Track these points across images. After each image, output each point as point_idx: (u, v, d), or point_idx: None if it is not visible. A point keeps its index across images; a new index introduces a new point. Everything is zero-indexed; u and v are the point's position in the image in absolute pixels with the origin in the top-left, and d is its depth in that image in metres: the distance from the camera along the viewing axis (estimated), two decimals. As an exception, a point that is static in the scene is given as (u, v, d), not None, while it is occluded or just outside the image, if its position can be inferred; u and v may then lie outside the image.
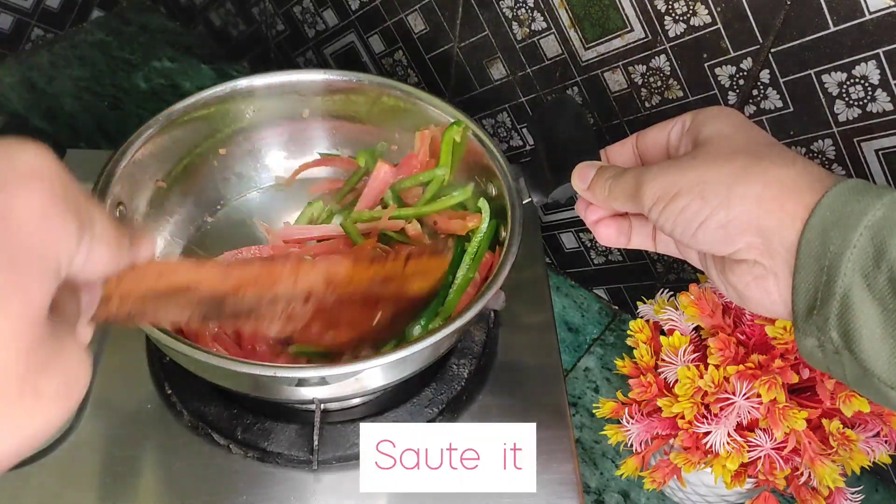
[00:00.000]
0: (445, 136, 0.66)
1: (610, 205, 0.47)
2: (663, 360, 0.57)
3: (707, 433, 0.54)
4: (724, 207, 0.40)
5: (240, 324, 0.39)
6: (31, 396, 0.24)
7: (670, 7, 0.61)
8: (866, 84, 0.55)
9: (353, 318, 0.45)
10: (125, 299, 0.33)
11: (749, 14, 0.57)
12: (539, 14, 0.69)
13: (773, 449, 0.54)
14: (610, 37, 0.66)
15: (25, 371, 0.24)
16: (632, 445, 0.58)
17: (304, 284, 0.40)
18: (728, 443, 0.53)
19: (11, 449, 0.25)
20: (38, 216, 0.25)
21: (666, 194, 0.42)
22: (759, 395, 0.52)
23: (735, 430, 0.54)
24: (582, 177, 0.49)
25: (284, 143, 0.73)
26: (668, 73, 0.64)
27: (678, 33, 0.62)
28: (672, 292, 0.62)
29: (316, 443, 0.57)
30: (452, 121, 0.65)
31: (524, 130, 0.79)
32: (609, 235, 0.49)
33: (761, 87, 0.60)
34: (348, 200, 0.70)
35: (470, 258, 0.62)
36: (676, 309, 0.59)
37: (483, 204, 0.64)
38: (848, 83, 0.55)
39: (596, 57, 0.68)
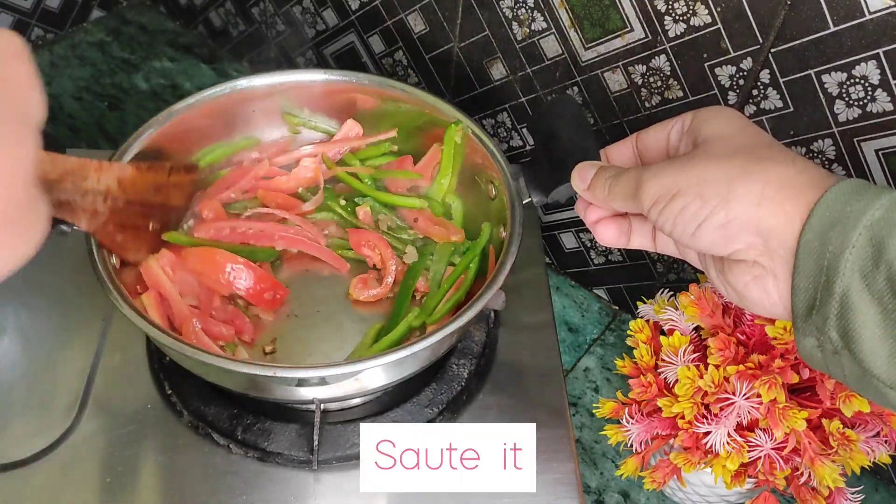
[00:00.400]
0: (446, 139, 0.66)
1: (610, 205, 0.47)
2: (663, 360, 0.57)
3: (707, 433, 0.54)
4: (723, 207, 0.40)
5: (59, 212, 0.48)
6: (23, 225, 0.32)
7: (670, 7, 0.61)
8: (866, 84, 0.55)
9: (137, 223, 0.56)
10: None
11: (749, 14, 0.57)
12: (539, 14, 0.69)
13: (773, 449, 0.53)
14: (610, 37, 0.66)
15: (24, 201, 0.31)
16: (632, 445, 0.58)
17: (104, 181, 0.51)
18: (728, 443, 0.53)
19: (13, 261, 0.32)
20: (29, 86, 0.32)
21: (665, 194, 0.42)
22: (759, 395, 0.52)
23: (735, 430, 0.54)
24: (582, 177, 0.49)
25: (284, 143, 0.73)
26: (668, 73, 0.64)
27: (678, 33, 0.62)
28: (672, 292, 0.62)
29: (316, 443, 0.57)
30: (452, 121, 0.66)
31: (524, 130, 0.79)
32: (609, 235, 0.49)
33: (761, 87, 0.60)
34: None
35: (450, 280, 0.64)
36: (676, 309, 0.59)
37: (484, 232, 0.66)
38: (848, 83, 0.55)
39: (596, 57, 0.68)
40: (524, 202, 0.59)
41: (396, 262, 0.67)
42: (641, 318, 0.62)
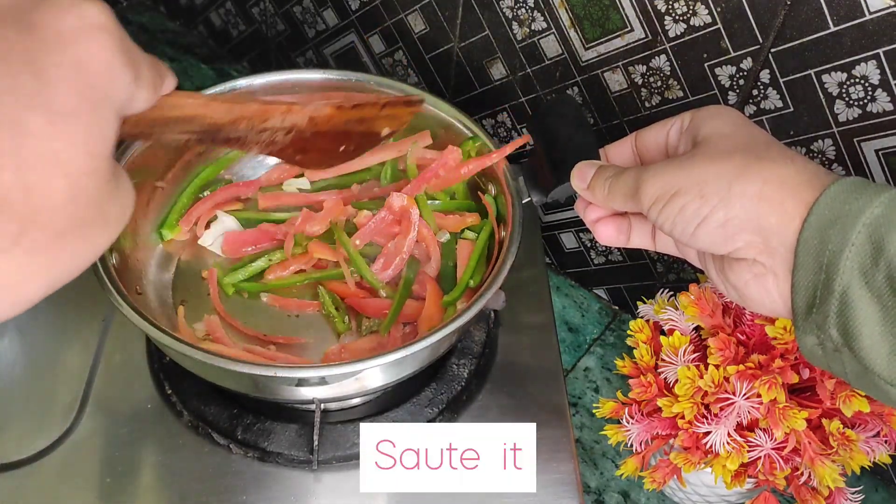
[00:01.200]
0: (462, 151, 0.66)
1: (609, 204, 0.47)
2: (663, 360, 0.57)
3: (707, 433, 0.54)
4: (723, 206, 0.40)
5: (227, 146, 0.45)
6: (103, 221, 0.30)
7: (670, 7, 0.61)
8: (866, 84, 0.55)
9: (323, 146, 0.51)
10: (139, 122, 0.37)
11: (749, 14, 0.57)
12: (539, 14, 0.69)
13: (773, 449, 0.53)
14: (610, 37, 0.66)
15: (101, 199, 0.29)
16: (632, 445, 0.58)
17: (290, 122, 0.47)
18: (728, 443, 0.53)
19: (85, 261, 0.31)
20: (106, 66, 0.29)
21: (665, 193, 0.42)
22: (759, 395, 0.52)
23: (735, 430, 0.54)
24: (581, 176, 0.49)
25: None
26: (668, 73, 0.64)
27: (678, 33, 0.62)
28: (672, 292, 0.62)
29: (316, 443, 0.57)
30: (469, 135, 0.66)
31: (524, 130, 0.79)
32: (608, 235, 0.49)
33: (761, 87, 0.60)
34: None
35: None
36: (676, 309, 0.59)
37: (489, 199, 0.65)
38: (848, 83, 0.55)
39: (596, 57, 0.68)
40: (524, 202, 0.59)
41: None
42: (641, 318, 0.62)
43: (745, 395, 0.53)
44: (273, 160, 0.72)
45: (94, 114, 0.28)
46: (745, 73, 0.60)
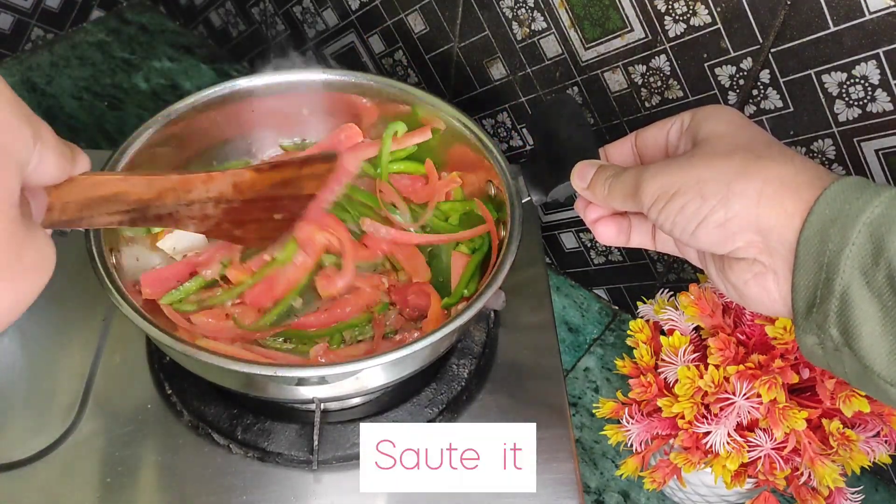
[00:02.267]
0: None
1: (609, 204, 0.47)
2: (663, 360, 0.57)
3: (707, 433, 0.54)
4: (723, 206, 0.40)
5: (161, 224, 0.46)
6: (17, 264, 0.31)
7: (670, 7, 0.61)
8: (866, 84, 0.55)
9: (258, 217, 0.51)
10: (66, 207, 0.39)
11: (749, 14, 0.57)
12: (539, 14, 0.69)
13: (773, 449, 0.53)
14: (610, 37, 0.66)
15: (13, 244, 0.31)
16: (632, 445, 0.58)
17: (215, 191, 0.47)
18: (728, 443, 0.53)
19: (7, 309, 0.32)
20: (3, 126, 0.31)
21: (665, 193, 0.42)
22: (759, 395, 0.52)
23: (735, 430, 0.54)
24: (581, 176, 0.49)
25: (284, 143, 0.73)
26: (668, 73, 0.64)
27: (678, 33, 0.62)
28: (672, 292, 0.62)
29: (316, 443, 0.57)
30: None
31: (524, 130, 0.79)
32: (608, 234, 0.49)
33: (761, 87, 0.60)
34: None
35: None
36: (676, 309, 0.59)
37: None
38: (848, 83, 0.55)
39: (596, 57, 0.68)
40: (524, 201, 0.59)
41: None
42: (641, 318, 0.62)
43: (745, 395, 0.53)
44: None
45: None
46: (745, 73, 0.60)
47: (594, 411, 0.63)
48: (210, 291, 0.63)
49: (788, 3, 0.55)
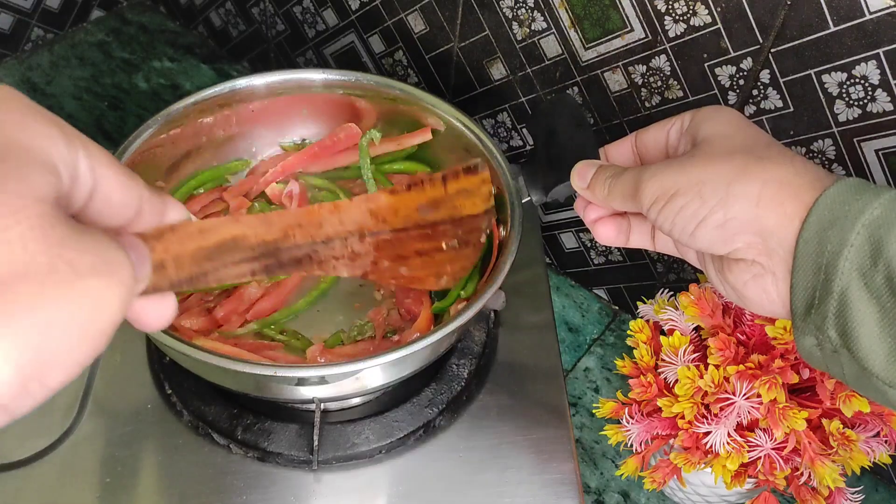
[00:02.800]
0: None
1: (609, 204, 0.47)
2: (663, 360, 0.57)
3: (707, 433, 0.54)
4: (722, 207, 0.40)
5: (304, 269, 0.39)
6: (65, 269, 0.24)
7: (670, 7, 0.61)
8: (866, 84, 0.55)
9: (421, 248, 0.45)
10: (180, 262, 0.33)
11: (749, 14, 0.57)
12: (539, 14, 0.69)
13: (773, 449, 0.53)
14: (610, 37, 0.66)
15: (46, 245, 0.24)
16: (632, 445, 0.58)
17: (350, 221, 0.41)
18: (728, 443, 0.53)
19: (78, 325, 0.25)
20: (17, 121, 0.26)
21: (664, 194, 0.42)
22: (759, 395, 0.52)
23: (735, 430, 0.54)
24: (581, 176, 0.49)
25: (284, 143, 0.73)
26: (668, 73, 0.64)
27: (678, 33, 0.62)
28: (672, 292, 0.62)
29: (316, 443, 0.57)
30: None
31: (524, 130, 0.79)
32: (608, 234, 0.49)
33: (761, 87, 0.60)
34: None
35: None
36: (676, 309, 0.59)
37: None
38: (848, 83, 0.55)
39: (596, 57, 0.68)
40: (524, 201, 0.59)
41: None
42: (641, 318, 0.62)
43: (745, 395, 0.53)
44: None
45: (7, 161, 0.25)
46: (745, 73, 0.60)
47: (594, 411, 0.63)
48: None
49: (788, 3, 0.55)
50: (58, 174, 0.26)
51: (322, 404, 0.57)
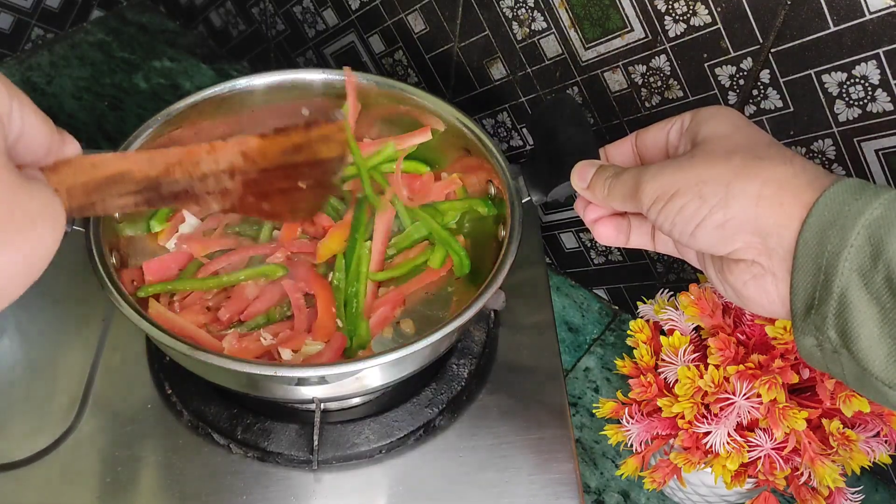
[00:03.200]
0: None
1: (609, 204, 0.47)
2: (663, 360, 0.57)
3: (707, 433, 0.54)
4: (722, 207, 0.40)
5: (181, 203, 0.45)
6: (21, 213, 0.29)
7: (670, 7, 0.61)
8: (866, 84, 0.55)
9: (282, 186, 0.50)
10: (72, 192, 0.38)
11: (749, 14, 0.57)
12: (539, 14, 0.69)
13: (773, 449, 0.53)
14: (610, 37, 0.66)
15: (4, 194, 0.29)
16: (632, 445, 0.58)
17: (224, 161, 0.46)
18: (728, 443, 0.53)
19: (22, 260, 0.30)
20: None
21: (664, 194, 0.42)
22: (759, 395, 0.52)
23: (735, 430, 0.54)
24: (581, 176, 0.49)
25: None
26: (668, 73, 0.64)
27: (678, 33, 0.62)
28: (672, 292, 0.62)
29: (316, 443, 0.57)
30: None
31: (524, 130, 0.79)
32: (608, 234, 0.49)
33: (761, 87, 0.60)
34: None
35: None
36: (676, 309, 0.59)
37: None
38: (848, 83, 0.55)
39: (596, 57, 0.68)
40: (524, 201, 0.59)
41: None
42: (641, 318, 0.62)
43: (745, 395, 0.53)
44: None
45: None
46: (745, 73, 0.60)
47: (594, 411, 0.63)
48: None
49: (788, 3, 0.55)
50: (4, 125, 0.31)
51: (322, 404, 0.57)
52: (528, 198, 0.59)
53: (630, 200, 0.44)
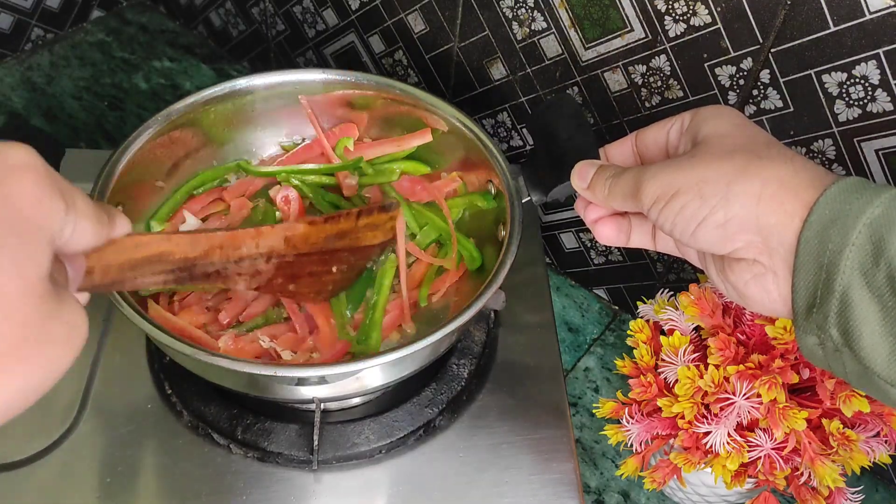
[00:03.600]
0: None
1: (610, 204, 0.47)
2: (663, 360, 0.57)
3: (707, 433, 0.54)
4: (722, 206, 0.40)
5: (209, 282, 0.44)
6: (46, 340, 0.30)
7: (670, 7, 0.61)
8: (866, 84, 0.55)
9: (313, 270, 0.49)
10: (107, 270, 0.37)
11: (749, 14, 0.57)
12: (539, 14, 0.69)
13: (773, 449, 0.53)
14: (610, 37, 0.66)
15: (40, 319, 0.30)
16: (632, 445, 0.58)
17: (265, 246, 0.45)
18: (728, 443, 0.53)
19: (39, 382, 0.30)
20: (33, 200, 0.30)
21: (665, 194, 0.42)
22: (759, 395, 0.52)
23: (735, 430, 0.54)
24: (582, 175, 0.49)
25: (284, 143, 0.73)
26: (668, 73, 0.64)
27: (678, 33, 0.62)
28: (672, 292, 0.62)
29: (316, 443, 0.57)
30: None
31: (524, 130, 0.79)
32: (608, 234, 0.49)
33: (761, 87, 0.60)
34: None
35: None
36: (676, 309, 0.59)
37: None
38: (848, 83, 0.55)
39: (596, 57, 0.68)
40: (524, 201, 0.59)
41: None
42: (641, 318, 0.62)
43: (745, 395, 0.53)
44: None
45: (23, 243, 0.30)
46: (745, 73, 0.60)
47: (594, 411, 0.63)
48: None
49: (788, 3, 0.55)
50: (56, 242, 0.32)
51: (322, 404, 0.57)
52: (528, 198, 0.59)
53: (631, 200, 0.44)
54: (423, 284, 0.63)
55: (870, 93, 0.55)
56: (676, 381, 0.56)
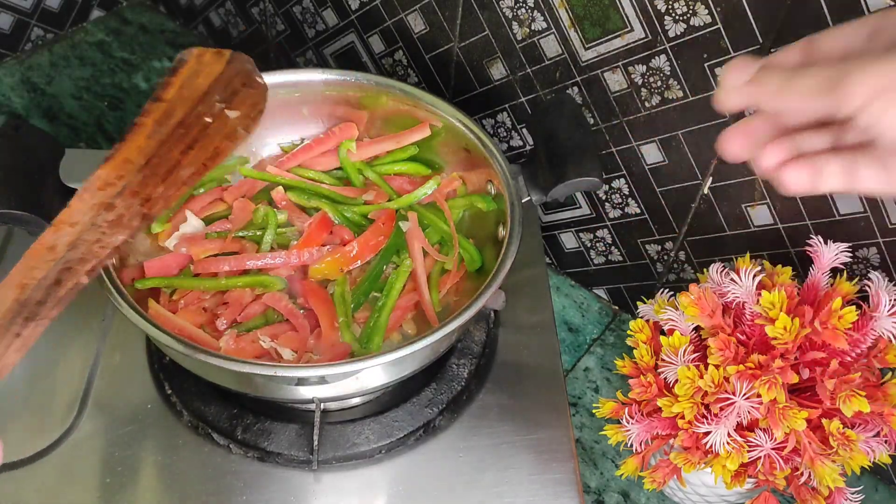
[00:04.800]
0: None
1: (783, 102, 0.37)
2: (663, 360, 0.57)
3: (707, 433, 0.54)
4: None
5: (75, 280, 0.42)
6: None
7: (670, 7, 0.61)
8: (866, 84, 0.54)
9: (184, 145, 0.48)
10: None
11: (749, 14, 0.57)
12: (539, 14, 0.69)
13: (773, 449, 0.53)
14: (610, 37, 0.66)
15: None
16: (632, 445, 0.58)
17: (80, 216, 0.43)
18: (728, 443, 0.53)
19: None
20: None
21: (891, 85, 0.33)
22: (759, 395, 0.52)
23: (735, 430, 0.54)
24: (739, 67, 0.39)
25: (283, 144, 0.73)
26: (668, 73, 0.64)
27: (678, 33, 0.62)
28: (672, 292, 0.62)
29: (316, 443, 0.57)
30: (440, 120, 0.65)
31: (524, 130, 0.79)
32: (799, 179, 0.39)
33: (761, 86, 0.60)
34: None
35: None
36: (676, 309, 0.59)
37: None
38: (848, 83, 0.55)
39: (596, 57, 0.68)
40: (524, 201, 0.59)
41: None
42: (641, 318, 0.62)
43: (745, 395, 0.53)
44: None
45: None
46: (745, 73, 0.60)
47: (594, 411, 0.63)
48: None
49: (788, 3, 0.55)
50: None
51: (322, 404, 0.57)
52: (528, 198, 0.59)
53: (826, 95, 0.35)
54: (432, 287, 0.63)
55: (870, 93, 0.55)
56: (676, 381, 0.56)
